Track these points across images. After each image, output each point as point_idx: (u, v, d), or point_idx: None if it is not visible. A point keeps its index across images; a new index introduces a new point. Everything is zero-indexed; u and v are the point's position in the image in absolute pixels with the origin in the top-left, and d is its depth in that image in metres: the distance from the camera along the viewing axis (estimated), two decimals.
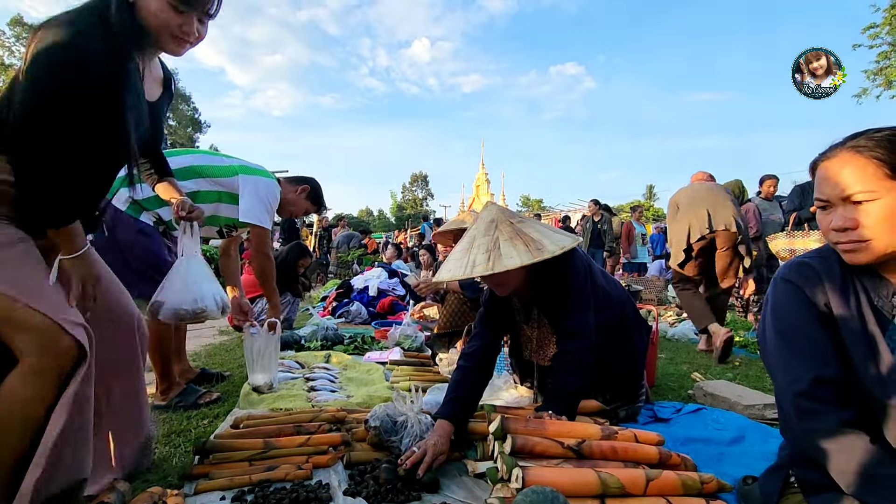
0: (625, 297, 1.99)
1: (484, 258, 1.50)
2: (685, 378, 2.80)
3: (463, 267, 1.52)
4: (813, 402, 0.93)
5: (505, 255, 1.48)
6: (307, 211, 2.70)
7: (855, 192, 0.89)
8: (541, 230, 1.60)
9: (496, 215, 1.65)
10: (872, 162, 0.88)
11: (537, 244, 1.51)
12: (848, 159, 0.91)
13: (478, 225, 1.66)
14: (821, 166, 0.97)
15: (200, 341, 3.81)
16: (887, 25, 11.59)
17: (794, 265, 1.05)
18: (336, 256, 10.80)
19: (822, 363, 0.95)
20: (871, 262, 0.92)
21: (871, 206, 0.88)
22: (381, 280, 5.51)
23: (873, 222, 0.88)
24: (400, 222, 41.63)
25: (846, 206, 0.92)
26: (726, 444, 1.72)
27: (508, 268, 1.44)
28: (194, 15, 1.22)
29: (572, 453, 1.30)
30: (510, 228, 1.58)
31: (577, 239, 1.59)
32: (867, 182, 0.88)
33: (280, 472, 1.38)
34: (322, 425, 1.66)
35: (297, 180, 2.63)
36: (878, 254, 0.90)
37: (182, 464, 1.53)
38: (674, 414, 2.04)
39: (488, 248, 1.53)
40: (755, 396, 2.18)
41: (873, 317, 0.94)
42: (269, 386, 2.28)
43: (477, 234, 1.61)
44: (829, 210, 0.95)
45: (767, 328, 1.05)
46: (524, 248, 1.50)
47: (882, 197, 0.87)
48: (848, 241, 0.92)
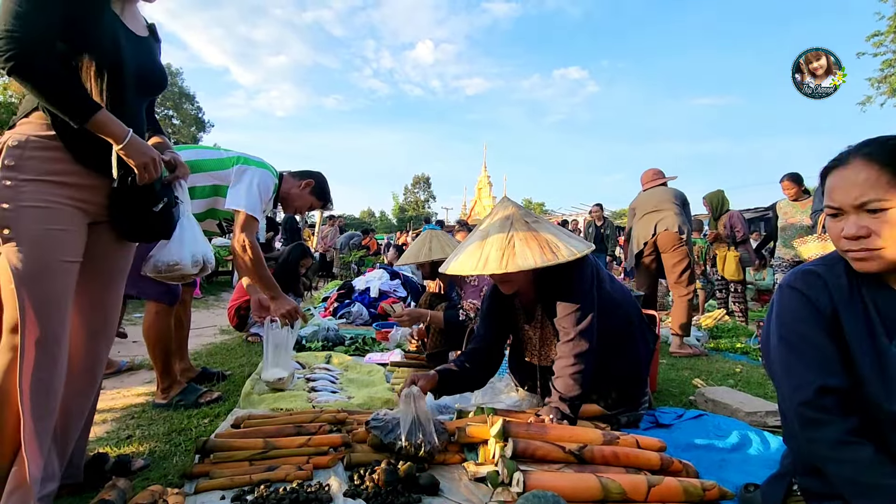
0: (631, 303, 1.98)
1: (497, 255, 1.50)
2: (686, 384, 2.79)
3: (475, 261, 1.52)
4: (817, 412, 0.93)
5: (519, 255, 1.48)
6: (312, 206, 2.59)
7: (869, 201, 0.89)
8: (556, 232, 1.60)
9: (512, 212, 1.64)
10: (886, 170, 0.88)
11: (553, 247, 1.50)
12: (861, 167, 0.91)
13: (492, 219, 1.65)
14: (833, 173, 0.96)
15: (202, 340, 3.82)
16: (892, 33, 11.59)
17: (799, 273, 1.04)
18: (338, 257, 10.80)
19: (828, 372, 0.94)
20: (881, 271, 0.92)
21: (884, 215, 0.88)
22: (382, 281, 5.51)
23: (886, 231, 0.88)
24: (402, 224, 41.63)
25: (859, 214, 0.91)
26: (728, 451, 1.71)
27: (522, 268, 1.44)
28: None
29: (574, 458, 1.30)
30: (526, 227, 1.57)
31: (590, 245, 1.59)
32: (881, 191, 0.88)
33: (280, 473, 1.38)
34: (323, 426, 1.65)
35: (301, 175, 2.52)
36: (890, 262, 0.89)
37: (182, 462, 1.53)
38: (675, 420, 2.03)
39: (502, 245, 1.52)
40: (757, 403, 2.17)
41: (881, 326, 0.93)
42: (290, 380, 2.29)
43: (491, 230, 1.60)
44: (840, 218, 0.95)
45: (772, 335, 1.04)
46: (539, 250, 1.49)
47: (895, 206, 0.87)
48: (860, 249, 0.91)
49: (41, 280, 1.11)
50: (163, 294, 2.13)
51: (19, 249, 1.09)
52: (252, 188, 2.17)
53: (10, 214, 1.09)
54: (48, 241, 1.13)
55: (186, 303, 2.57)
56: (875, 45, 11.92)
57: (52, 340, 1.13)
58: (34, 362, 1.10)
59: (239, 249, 2.17)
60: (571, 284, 1.66)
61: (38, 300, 1.11)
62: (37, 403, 1.11)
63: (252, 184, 2.17)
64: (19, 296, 1.08)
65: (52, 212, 1.14)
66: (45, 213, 1.13)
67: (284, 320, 2.32)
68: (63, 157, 1.16)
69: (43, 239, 1.12)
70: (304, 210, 2.61)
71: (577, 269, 1.66)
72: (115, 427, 1.88)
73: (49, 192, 1.14)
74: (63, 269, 1.15)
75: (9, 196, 1.10)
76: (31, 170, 1.13)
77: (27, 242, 1.10)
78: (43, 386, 1.11)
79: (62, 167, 1.16)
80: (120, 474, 1.37)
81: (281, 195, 2.46)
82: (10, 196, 1.10)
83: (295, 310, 2.35)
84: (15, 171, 1.11)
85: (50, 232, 1.13)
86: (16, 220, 1.10)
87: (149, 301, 2.16)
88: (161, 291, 2.12)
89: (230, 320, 4.03)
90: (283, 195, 2.46)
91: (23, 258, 1.10)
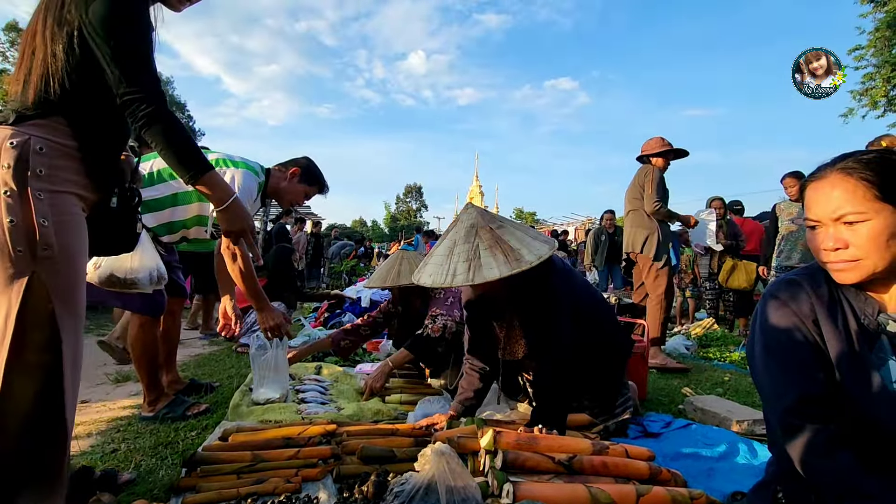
0: (603, 309, 2.00)
1: (464, 267, 1.53)
2: (676, 392, 2.81)
3: (443, 275, 1.55)
4: (800, 419, 0.94)
5: (485, 266, 1.51)
6: (307, 194, 2.40)
7: (846, 213, 0.92)
8: (520, 237, 1.61)
9: (475, 220, 1.65)
10: (862, 184, 0.91)
11: (516, 254, 1.53)
12: (838, 181, 0.94)
13: (457, 228, 1.66)
14: (810, 187, 0.99)
15: (190, 351, 3.77)
16: (872, 48, 11.89)
17: (782, 282, 1.06)
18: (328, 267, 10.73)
19: (810, 380, 0.96)
20: (860, 281, 0.94)
21: (861, 227, 0.91)
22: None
23: (863, 242, 0.91)
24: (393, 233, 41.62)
25: (837, 226, 0.94)
26: (716, 460, 1.73)
27: (488, 279, 1.47)
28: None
29: (563, 468, 1.30)
30: (490, 235, 1.59)
31: (553, 246, 1.58)
32: (857, 203, 0.91)
33: (269, 486, 1.36)
34: (312, 438, 1.64)
35: (285, 165, 2.36)
36: (868, 273, 0.92)
37: (169, 476, 1.51)
38: (663, 429, 2.04)
39: (469, 256, 1.55)
40: (745, 412, 2.19)
41: (860, 334, 0.95)
42: (283, 399, 2.25)
43: (457, 240, 1.62)
44: (819, 230, 0.98)
45: (756, 344, 1.06)
46: (503, 258, 1.52)
47: (872, 218, 0.90)
48: (839, 260, 0.94)
49: (77, 294, 1.08)
50: (147, 306, 2.08)
51: (58, 266, 1.04)
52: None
53: (49, 230, 1.02)
54: (81, 254, 1.10)
55: (175, 314, 2.54)
56: (856, 59, 12.21)
57: (80, 356, 1.10)
58: (72, 379, 1.06)
59: (229, 258, 2.08)
60: (544, 295, 1.69)
61: (74, 315, 1.06)
62: (71, 422, 1.07)
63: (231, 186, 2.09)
64: (58, 312, 1.02)
65: (78, 224, 1.11)
66: (74, 225, 1.09)
67: (269, 334, 2.25)
68: (81, 169, 1.13)
69: (77, 252, 1.09)
70: (300, 201, 2.43)
71: (547, 278, 1.69)
72: (101, 440, 1.84)
73: (73, 204, 1.10)
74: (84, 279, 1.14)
75: (45, 211, 1.03)
76: (59, 180, 1.07)
77: (65, 258, 1.05)
78: (73, 405, 1.08)
79: (79, 179, 1.13)
80: (105, 488, 1.35)
81: (270, 191, 2.33)
82: (46, 211, 1.03)
83: (281, 323, 2.26)
84: (46, 182, 1.04)
85: (81, 244, 1.11)
86: (53, 235, 1.03)
87: (134, 313, 2.11)
88: (146, 304, 2.06)
89: (220, 331, 3.98)
90: (273, 191, 2.32)
91: (61, 274, 1.04)
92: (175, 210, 2.13)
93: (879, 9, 11.50)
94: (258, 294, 2.22)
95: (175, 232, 2.20)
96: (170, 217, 2.14)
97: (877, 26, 11.61)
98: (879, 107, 12.27)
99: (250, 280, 2.15)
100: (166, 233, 2.17)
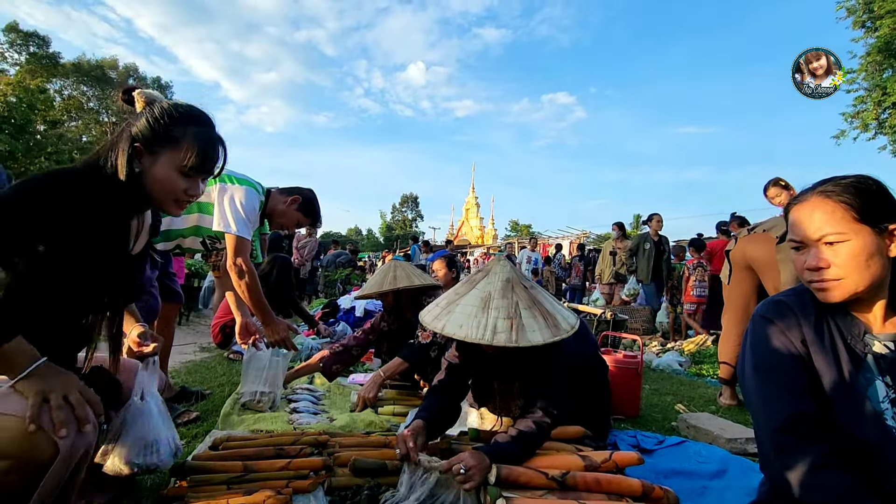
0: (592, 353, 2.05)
1: (506, 326, 1.39)
2: (669, 409, 2.81)
3: (480, 329, 1.40)
4: (791, 438, 0.95)
5: (528, 328, 1.39)
6: (299, 223, 2.51)
7: (826, 234, 0.95)
8: (551, 301, 1.54)
9: (510, 274, 1.55)
10: (841, 206, 0.95)
11: (553, 319, 1.44)
12: (818, 204, 0.97)
13: (491, 280, 1.53)
14: (793, 210, 1.03)
15: (182, 358, 3.74)
16: (863, 71, 12.13)
17: (771, 303, 1.08)
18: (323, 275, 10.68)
19: (800, 399, 0.97)
20: (843, 301, 0.97)
21: (841, 248, 0.94)
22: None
23: (844, 262, 0.94)
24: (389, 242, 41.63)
25: (819, 246, 0.97)
26: (708, 478, 1.73)
27: (533, 343, 1.35)
28: (200, 177, 1.20)
29: (556, 484, 1.30)
30: (526, 294, 1.49)
31: (577, 317, 1.54)
32: (837, 224, 0.94)
33: (259, 497, 1.34)
34: (303, 449, 1.63)
35: (288, 191, 2.46)
36: (849, 292, 0.95)
37: (157, 485, 1.49)
38: (656, 446, 2.04)
39: (510, 314, 1.42)
40: (738, 430, 2.19)
41: (846, 354, 0.97)
42: (269, 402, 2.25)
43: (494, 294, 1.48)
44: (802, 251, 1.01)
45: (746, 364, 1.07)
46: (543, 321, 1.42)
47: (851, 238, 0.93)
48: (821, 279, 0.97)
49: None
50: (141, 311, 2.06)
51: None
52: (236, 208, 2.12)
53: None
54: None
55: (169, 319, 2.53)
56: (848, 83, 12.47)
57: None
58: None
59: (236, 275, 2.14)
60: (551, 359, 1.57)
61: None
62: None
63: (234, 203, 2.12)
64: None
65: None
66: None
67: (275, 346, 2.32)
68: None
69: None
70: (291, 226, 2.53)
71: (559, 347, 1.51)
72: None
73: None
74: None
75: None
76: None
77: None
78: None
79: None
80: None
81: (267, 211, 2.41)
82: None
83: (287, 337, 2.33)
84: None
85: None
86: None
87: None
88: (139, 309, 2.04)
89: (214, 337, 3.96)
90: (269, 211, 2.41)
91: None
92: (173, 219, 2.15)
93: (871, 34, 11.76)
94: (265, 309, 2.29)
95: (171, 240, 2.24)
96: (168, 226, 2.17)
97: (868, 51, 11.86)
98: (870, 129, 12.49)
99: (257, 295, 2.23)
100: (162, 241, 2.20)
